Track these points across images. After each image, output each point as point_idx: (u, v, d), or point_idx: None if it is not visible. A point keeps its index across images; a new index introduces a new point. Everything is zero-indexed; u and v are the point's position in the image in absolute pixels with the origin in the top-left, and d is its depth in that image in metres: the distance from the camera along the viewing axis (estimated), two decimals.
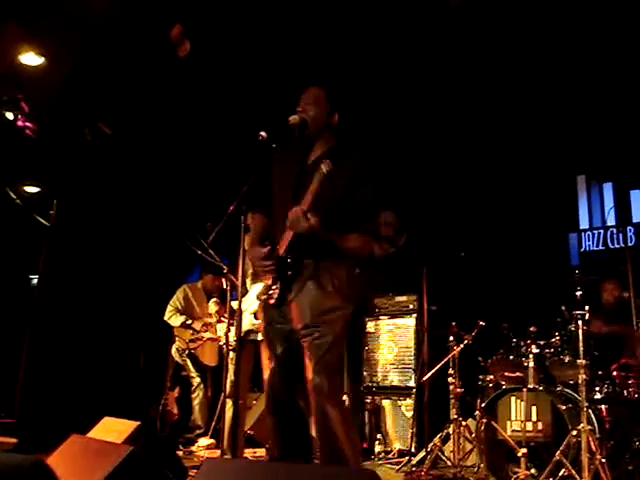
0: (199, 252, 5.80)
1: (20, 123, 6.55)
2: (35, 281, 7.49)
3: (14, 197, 7.06)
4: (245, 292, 5.13)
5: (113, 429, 5.35)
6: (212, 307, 7.16)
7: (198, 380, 7.47)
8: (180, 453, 6.60)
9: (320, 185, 3.44)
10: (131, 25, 6.71)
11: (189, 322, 7.33)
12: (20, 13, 6.25)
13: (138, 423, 5.41)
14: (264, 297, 3.69)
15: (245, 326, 5.20)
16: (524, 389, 5.16)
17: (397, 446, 6.86)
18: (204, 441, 7.10)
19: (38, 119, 6.76)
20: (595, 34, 6.72)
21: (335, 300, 3.58)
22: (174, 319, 7.37)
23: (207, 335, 7.33)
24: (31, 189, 7.67)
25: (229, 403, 5.51)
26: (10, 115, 6.59)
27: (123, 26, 6.71)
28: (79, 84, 7.15)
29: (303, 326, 3.54)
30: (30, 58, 6.62)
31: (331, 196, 3.55)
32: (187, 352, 7.46)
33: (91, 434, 5.35)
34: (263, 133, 3.52)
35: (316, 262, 3.58)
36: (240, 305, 4.17)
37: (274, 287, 3.64)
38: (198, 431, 7.33)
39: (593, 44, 6.84)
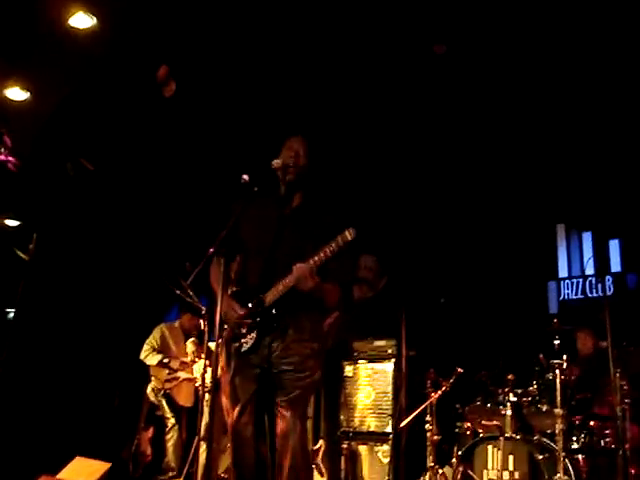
0: (178, 292, 5.77)
1: (2, 157, 6.53)
2: (12, 315, 7.41)
3: None
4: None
5: (84, 470, 5.26)
6: (190, 347, 7.09)
7: (173, 421, 7.34)
8: None
9: (339, 249, 3.42)
10: (116, 63, 6.76)
11: (166, 360, 7.24)
12: (6, 48, 6.28)
13: (109, 465, 5.33)
14: (236, 345, 3.69)
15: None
16: (501, 437, 5.14)
17: None
18: None
19: (21, 153, 6.75)
20: (572, 81, 6.84)
21: (313, 345, 3.66)
22: (150, 358, 7.28)
23: (183, 375, 7.24)
24: (11, 222, 7.63)
25: (203, 446, 5.43)
26: None
27: (108, 63, 6.76)
28: (63, 119, 7.17)
29: (281, 368, 3.59)
30: (15, 93, 6.65)
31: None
32: (163, 392, 7.35)
33: (62, 474, 5.27)
34: (245, 176, 3.54)
35: (297, 311, 3.65)
36: (217, 346, 4.14)
37: (250, 335, 3.64)
38: (171, 473, 7.19)
39: (569, 92, 6.96)
